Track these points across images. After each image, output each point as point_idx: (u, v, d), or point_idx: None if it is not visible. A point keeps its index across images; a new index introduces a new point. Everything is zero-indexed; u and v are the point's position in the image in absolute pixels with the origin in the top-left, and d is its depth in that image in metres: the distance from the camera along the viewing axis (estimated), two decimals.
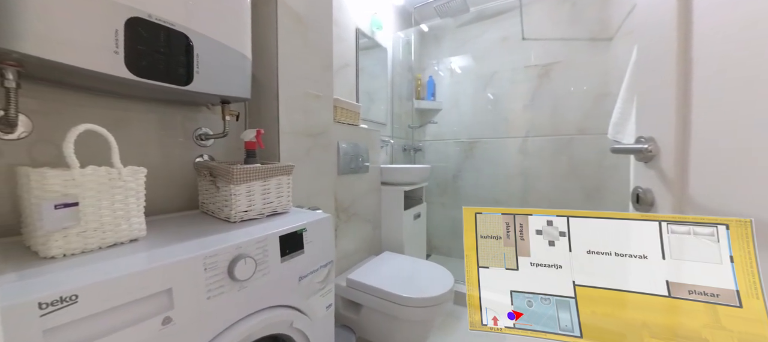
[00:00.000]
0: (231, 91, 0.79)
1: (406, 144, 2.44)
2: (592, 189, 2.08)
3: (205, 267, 0.51)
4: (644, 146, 0.54)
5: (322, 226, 0.78)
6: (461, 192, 2.50)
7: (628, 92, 1.25)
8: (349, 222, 1.43)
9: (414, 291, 1.13)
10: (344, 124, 1.38)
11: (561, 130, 2.15)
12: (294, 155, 1.07)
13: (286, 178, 0.82)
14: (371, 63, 2.09)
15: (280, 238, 0.65)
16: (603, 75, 2.00)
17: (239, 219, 0.72)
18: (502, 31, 2.33)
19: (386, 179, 1.73)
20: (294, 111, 1.06)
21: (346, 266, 1.41)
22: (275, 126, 1.00)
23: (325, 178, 1.21)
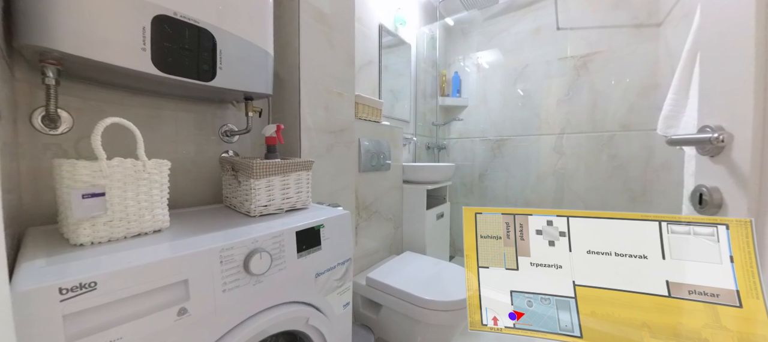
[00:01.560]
0: (253, 86, 0.80)
1: (429, 142, 2.38)
2: (637, 191, 1.89)
3: (222, 260, 0.51)
4: (711, 135, 0.46)
5: (341, 223, 0.76)
6: (488, 192, 2.39)
7: (682, 81, 1.10)
8: (369, 220, 1.41)
9: (436, 293, 1.08)
10: (366, 120, 1.36)
11: (601, 127, 1.97)
12: (315, 152, 1.07)
13: (305, 173, 0.82)
14: (395, 61, 2.06)
15: (297, 234, 0.64)
16: (650, 65, 1.81)
17: (259, 213, 0.72)
18: (534, 21, 2.19)
19: (408, 177, 1.69)
20: (316, 108, 1.06)
21: (367, 265, 1.40)
22: (297, 123, 1.01)
23: (346, 175, 1.20)
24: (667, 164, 1.64)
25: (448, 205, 1.96)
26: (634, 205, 1.91)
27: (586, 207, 2.04)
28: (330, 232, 0.72)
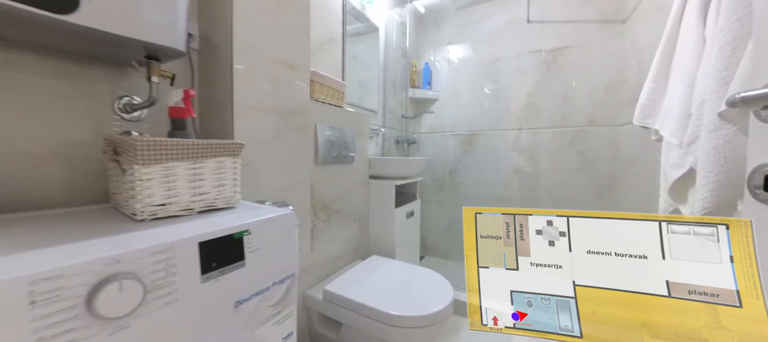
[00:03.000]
0: (154, 36, 0.56)
1: (399, 136, 2.22)
2: (604, 186, 1.89)
3: (33, 299, 0.29)
4: None
5: (280, 227, 0.56)
6: (460, 189, 2.29)
7: (660, 69, 1.05)
8: (329, 221, 1.20)
9: (407, 306, 0.91)
10: (325, 103, 1.15)
11: (570, 122, 1.95)
12: (257, 137, 0.84)
13: (230, 160, 0.60)
14: (364, 50, 1.88)
15: (202, 246, 0.43)
16: (617, 61, 1.81)
17: (150, 215, 0.49)
18: (506, 13, 2.12)
19: (376, 172, 1.51)
20: (256, 80, 0.83)
21: (326, 274, 1.19)
22: (229, 98, 0.77)
23: (298, 167, 0.99)
24: (633, 159, 1.64)
25: (418, 203, 1.81)
26: (600, 200, 1.91)
27: (554, 202, 2.01)
28: (261, 239, 0.51)
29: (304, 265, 1.05)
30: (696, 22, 0.88)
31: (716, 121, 0.69)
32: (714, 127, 0.70)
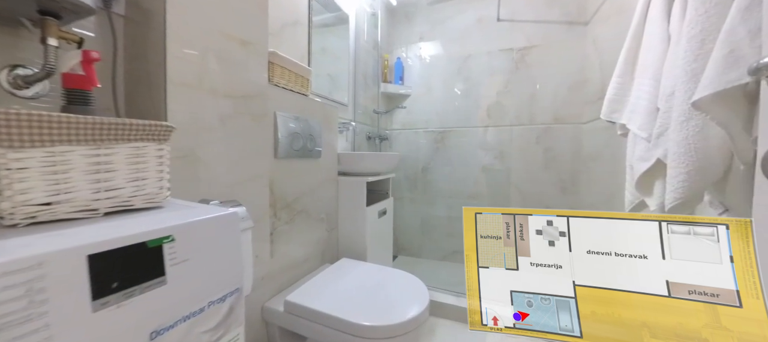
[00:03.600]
0: None
1: (371, 131, 2.13)
2: (568, 181, 1.95)
3: None
4: None
5: (217, 231, 0.44)
6: (432, 186, 2.26)
7: (626, 64, 1.07)
8: (292, 222, 1.08)
9: (379, 315, 0.82)
10: (286, 89, 1.03)
11: (537, 119, 2.00)
12: (198, 122, 0.71)
13: (155, 147, 0.47)
14: (333, 42, 1.78)
15: (92, 260, 0.30)
16: (580, 60, 1.88)
17: (26, 218, 0.35)
18: (477, 10, 2.13)
19: (346, 168, 1.41)
20: (198, 55, 0.70)
21: (288, 282, 1.06)
22: (160, 73, 0.63)
23: (254, 160, 0.86)
24: (595, 155, 1.70)
25: (391, 201, 1.73)
26: (564, 196, 1.97)
27: (523, 198, 2.05)
28: (191, 247, 0.40)
29: (263, 274, 0.92)
30: (660, 19, 0.90)
31: (686, 112, 0.69)
32: (684, 118, 0.70)
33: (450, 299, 1.47)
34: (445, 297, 1.49)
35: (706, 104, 0.62)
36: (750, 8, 0.54)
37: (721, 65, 0.58)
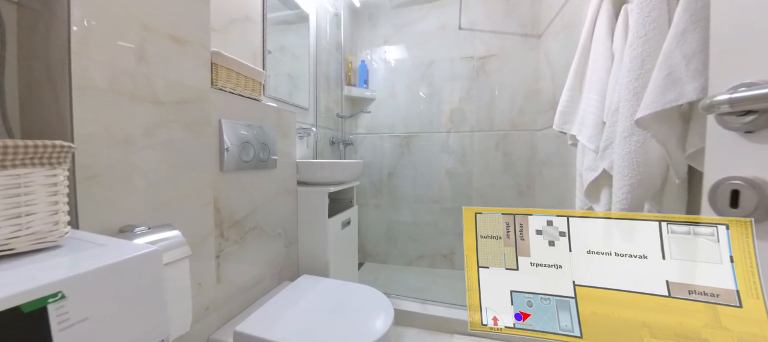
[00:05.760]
0: None
1: (334, 136, 2.05)
2: (524, 186, 2.06)
3: None
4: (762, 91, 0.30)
5: (130, 276, 0.36)
6: (398, 191, 2.25)
7: (575, 79, 1.14)
8: (243, 242, 0.98)
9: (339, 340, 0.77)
10: (234, 94, 0.92)
11: (497, 125, 2.08)
12: (115, 134, 0.59)
13: (44, 173, 0.37)
14: (294, 41, 1.68)
15: None
16: (534, 71, 1.99)
17: None
18: (439, 17, 2.16)
19: (305, 178, 1.32)
20: (113, 54, 0.58)
21: (239, 308, 0.96)
22: (64, 74, 0.52)
23: (192, 176, 0.75)
24: (547, 161, 1.81)
25: (355, 210, 1.68)
26: (521, 199, 2.08)
27: (484, 201, 2.12)
28: (92, 303, 0.31)
29: (207, 303, 0.82)
30: (604, 37, 0.96)
31: (629, 128, 0.74)
32: (628, 134, 0.74)
33: (415, 307, 1.46)
34: (410, 305, 1.47)
35: (647, 122, 0.66)
36: (684, 34, 0.58)
37: (660, 86, 0.62)
